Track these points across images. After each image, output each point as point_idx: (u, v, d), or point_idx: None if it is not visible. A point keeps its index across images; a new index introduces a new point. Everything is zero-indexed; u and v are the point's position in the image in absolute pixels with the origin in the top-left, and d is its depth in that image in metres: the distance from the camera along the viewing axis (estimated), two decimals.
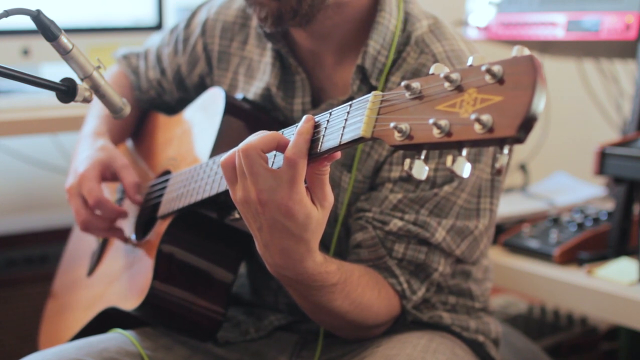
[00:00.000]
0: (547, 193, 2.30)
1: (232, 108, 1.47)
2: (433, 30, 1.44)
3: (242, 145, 1.12)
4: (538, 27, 2.17)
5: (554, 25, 2.13)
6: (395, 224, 1.38)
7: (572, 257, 1.85)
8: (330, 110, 1.10)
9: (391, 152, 1.40)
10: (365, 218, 1.41)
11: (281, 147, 1.12)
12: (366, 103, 1.03)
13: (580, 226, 1.91)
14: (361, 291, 1.32)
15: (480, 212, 1.43)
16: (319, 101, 1.50)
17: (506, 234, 1.98)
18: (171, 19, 2.63)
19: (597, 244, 1.86)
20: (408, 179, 1.38)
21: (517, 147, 1.62)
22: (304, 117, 1.11)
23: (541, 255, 1.88)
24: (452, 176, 1.38)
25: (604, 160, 1.81)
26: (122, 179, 1.54)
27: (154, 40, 1.77)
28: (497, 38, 2.30)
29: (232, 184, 1.16)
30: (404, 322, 1.44)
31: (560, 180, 2.45)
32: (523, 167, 2.46)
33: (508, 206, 2.14)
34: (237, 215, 1.33)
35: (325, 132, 1.09)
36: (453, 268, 1.48)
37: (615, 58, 2.42)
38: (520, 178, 2.47)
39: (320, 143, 1.09)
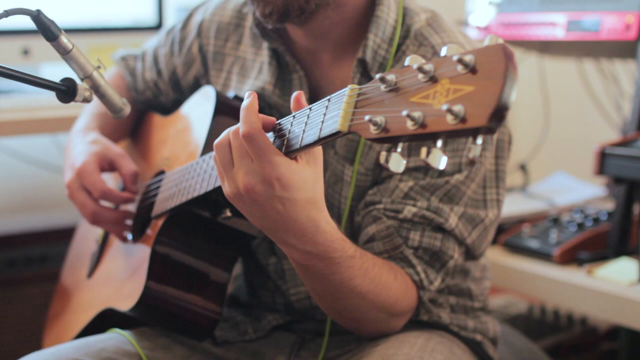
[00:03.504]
0: (547, 193, 2.30)
1: (223, 106, 1.47)
2: (431, 23, 1.44)
3: (245, 130, 1.11)
4: (538, 27, 2.17)
5: (554, 25, 2.13)
6: (410, 210, 1.37)
7: (572, 257, 1.85)
8: (310, 106, 1.10)
9: None
10: (376, 210, 1.40)
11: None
12: (343, 97, 1.03)
13: (580, 226, 1.91)
14: (378, 270, 1.30)
15: (487, 202, 1.43)
16: (316, 99, 1.50)
17: (506, 234, 1.98)
18: (171, 19, 2.63)
19: (597, 244, 1.86)
20: (416, 167, 1.38)
21: (517, 147, 1.62)
22: (247, 93, 1.13)
23: (541, 255, 1.88)
24: (460, 165, 1.38)
25: (604, 160, 1.81)
26: (119, 167, 1.55)
27: (151, 42, 1.78)
28: None
29: (222, 181, 1.17)
30: (416, 317, 1.44)
31: (560, 180, 2.45)
32: (523, 167, 2.46)
33: (508, 206, 2.14)
34: (229, 214, 1.33)
35: (305, 127, 1.09)
36: (462, 260, 1.47)
37: (615, 58, 2.42)
38: (520, 178, 2.47)
39: (300, 139, 1.09)
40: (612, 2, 2.01)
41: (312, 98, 1.50)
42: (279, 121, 1.14)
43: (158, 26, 2.47)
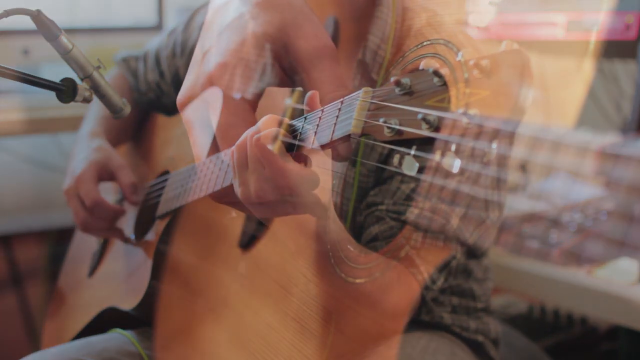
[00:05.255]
0: (547, 193, 2.30)
1: None
2: (432, 23, 1.44)
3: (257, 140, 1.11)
4: (538, 27, 2.17)
5: (554, 25, 2.13)
6: (412, 212, 1.38)
7: (572, 257, 1.85)
8: (322, 108, 1.10)
9: None
10: (379, 211, 1.40)
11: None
12: (357, 99, 1.03)
13: (580, 226, 1.91)
14: (381, 271, 1.31)
15: (488, 204, 1.43)
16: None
17: (506, 234, 1.98)
18: (171, 19, 2.63)
19: (597, 244, 1.86)
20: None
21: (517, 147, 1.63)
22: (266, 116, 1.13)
23: (541, 255, 1.88)
24: (462, 168, 1.38)
25: (604, 160, 1.81)
26: (119, 179, 1.56)
27: (153, 43, 1.78)
28: (497, 38, 2.30)
29: (234, 180, 1.17)
30: (417, 316, 1.44)
31: (560, 180, 2.45)
32: (523, 167, 2.46)
33: (508, 206, 2.14)
34: (234, 214, 1.33)
35: (317, 129, 1.09)
36: (464, 260, 1.47)
37: (615, 58, 2.42)
38: (520, 178, 2.47)
39: (312, 141, 1.09)
40: (612, 2, 2.01)
41: None
42: (290, 122, 1.14)
43: (158, 26, 2.47)
